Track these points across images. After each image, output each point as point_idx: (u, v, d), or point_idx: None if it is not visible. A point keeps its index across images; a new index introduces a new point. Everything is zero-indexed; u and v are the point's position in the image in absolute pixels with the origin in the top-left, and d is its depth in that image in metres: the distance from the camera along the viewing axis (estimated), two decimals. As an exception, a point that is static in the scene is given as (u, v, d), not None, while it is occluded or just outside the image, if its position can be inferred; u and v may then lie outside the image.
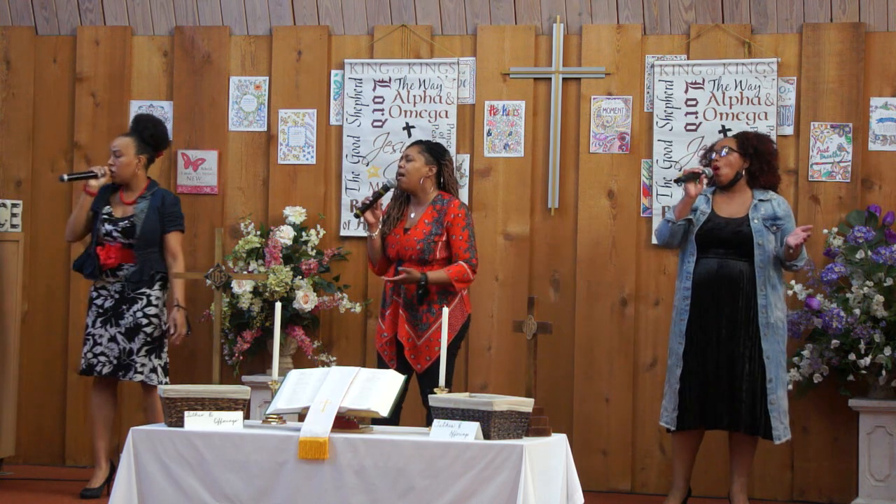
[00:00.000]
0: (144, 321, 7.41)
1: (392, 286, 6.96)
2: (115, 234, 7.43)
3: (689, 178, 6.95)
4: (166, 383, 7.37)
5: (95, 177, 7.49)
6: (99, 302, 7.47)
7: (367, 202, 6.96)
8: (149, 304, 7.42)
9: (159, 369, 7.44)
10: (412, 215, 7.00)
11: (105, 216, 7.47)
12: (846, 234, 7.48)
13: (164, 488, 5.52)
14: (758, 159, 7.07)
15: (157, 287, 7.46)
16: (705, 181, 7.01)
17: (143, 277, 7.39)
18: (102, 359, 7.43)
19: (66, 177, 7.62)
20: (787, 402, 7.01)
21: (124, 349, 7.40)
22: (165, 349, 7.50)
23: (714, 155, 7.09)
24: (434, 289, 6.90)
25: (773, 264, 7.00)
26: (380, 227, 7.03)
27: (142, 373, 7.38)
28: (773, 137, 7.70)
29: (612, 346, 7.90)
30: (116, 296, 7.44)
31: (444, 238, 6.95)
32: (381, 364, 6.96)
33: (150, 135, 7.62)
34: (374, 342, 7.23)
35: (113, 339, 7.42)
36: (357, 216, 6.99)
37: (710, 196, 7.11)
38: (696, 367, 6.96)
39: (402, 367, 6.84)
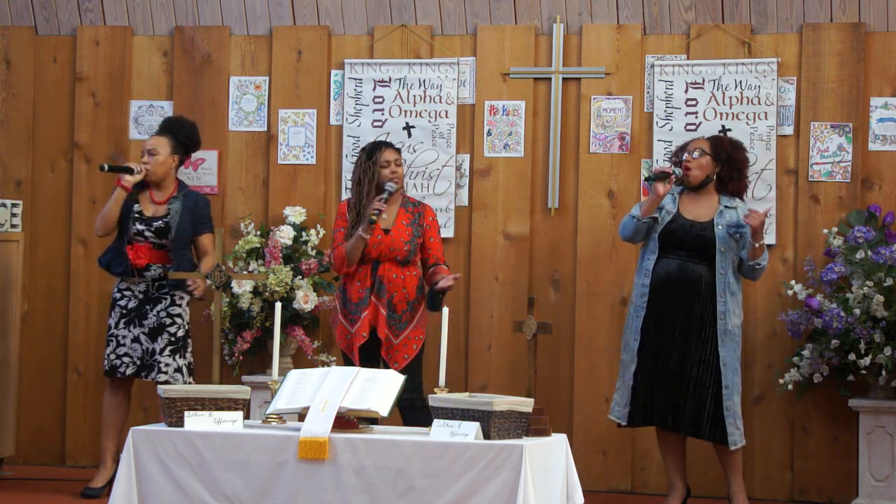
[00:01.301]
0: (168, 321, 7.40)
1: (371, 286, 6.97)
2: (147, 233, 7.41)
3: (659, 177, 6.94)
4: (190, 383, 7.36)
5: (131, 172, 7.45)
6: (122, 303, 7.45)
7: (380, 209, 6.93)
8: (173, 303, 7.41)
9: (184, 369, 7.42)
10: (384, 216, 7.03)
11: (136, 215, 7.45)
12: (846, 234, 7.48)
13: (164, 488, 5.53)
14: (729, 165, 7.07)
15: (183, 288, 7.46)
16: (674, 181, 7.01)
17: (178, 279, 7.35)
18: (126, 360, 7.41)
19: (106, 166, 7.50)
20: (740, 408, 6.99)
21: (147, 349, 7.39)
22: (190, 349, 7.49)
23: (686, 155, 7.08)
24: (413, 287, 7.04)
25: (733, 271, 7.00)
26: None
27: (166, 373, 7.36)
28: (773, 137, 7.71)
29: (612, 346, 7.89)
30: (141, 296, 7.43)
31: (420, 240, 7.09)
32: (349, 363, 6.97)
33: (185, 135, 7.61)
34: (340, 343, 7.16)
35: (136, 339, 7.40)
36: (373, 221, 6.90)
37: (677, 196, 7.10)
38: (649, 365, 6.98)
39: (370, 365, 6.84)
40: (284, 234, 8.01)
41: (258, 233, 8.14)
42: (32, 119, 8.58)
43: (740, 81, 7.79)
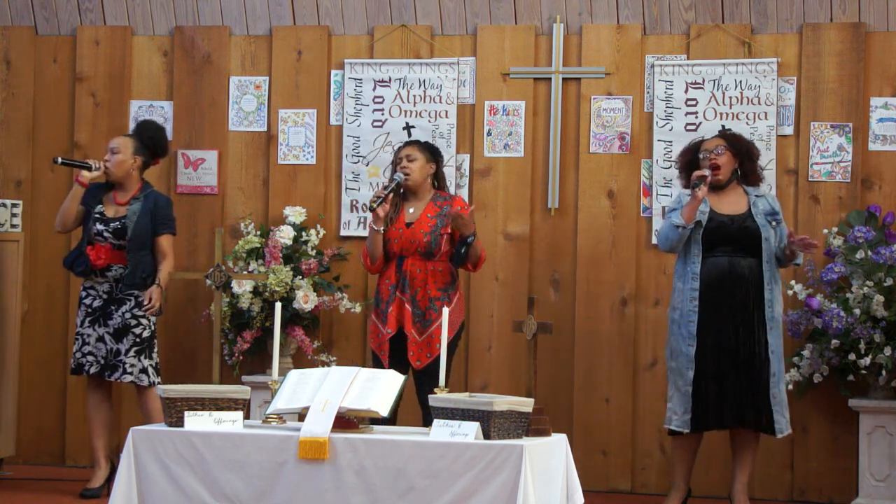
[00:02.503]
0: (133, 322, 7.38)
1: (396, 282, 6.97)
2: (105, 234, 7.41)
3: (697, 183, 6.94)
4: (158, 383, 7.36)
5: (89, 169, 7.46)
6: (88, 301, 7.45)
7: (382, 196, 6.97)
8: (137, 305, 7.39)
9: (150, 370, 7.41)
10: (411, 210, 7.06)
11: (97, 215, 7.45)
12: (846, 234, 7.48)
13: (164, 488, 5.53)
14: (748, 158, 7.11)
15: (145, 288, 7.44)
16: (709, 182, 7.03)
17: (136, 280, 7.36)
18: (90, 358, 7.41)
19: (59, 159, 7.53)
20: (786, 396, 7.01)
21: (111, 349, 7.38)
22: (156, 350, 7.48)
23: (706, 155, 7.08)
24: (438, 283, 6.96)
25: (774, 260, 7.02)
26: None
27: (131, 373, 7.36)
28: (773, 137, 7.71)
29: (612, 346, 7.90)
30: (105, 296, 7.42)
31: (448, 231, 7.00)
32: (378, 363, 6.97)
33: (148, 137, 7.60)
34: (371, 342, 7.19)
35: (101, 339, 7.40)
36: (371, 209, 6.94)
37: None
38: (712, 367, 6.92)
39: (396, 364, 6.85)
40: (284, 234, 8.01)
41: (258, 233, 8.14)
42: (32, 119, 8.58)
43: (740, 81, 7.79)
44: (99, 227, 7.41)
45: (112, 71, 8.50)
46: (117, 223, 7.41)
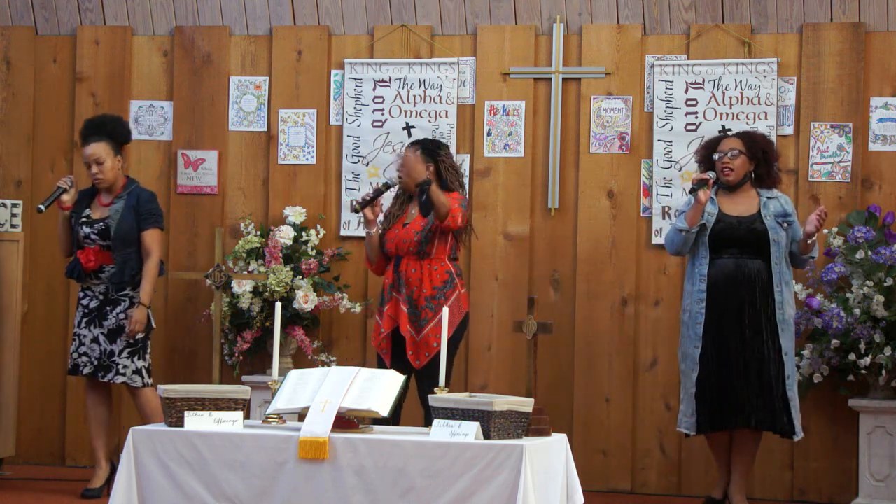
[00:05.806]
0: (126, 323, 7.37)
1: (391, 283, 6.99)
2: (92, 236, 7.40)
3: (700, 185, 6.92)
4: (150, 385, 7.36)
5: (64, 191, 7.43)
6: (85, 302, 7.45)
7: (368, 198, 7.01)
8: (131, 305, 7.38)
9: (144, 371, 7.40)
10: (413, 211, 7.08)
11: (84, 219, 7.44)
12: (846, 234, 7.48)
13: (164, 488, 5.53)
14: (766, 161, 7.08)
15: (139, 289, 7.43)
16: (712, 185, 7.00)
17: (124, 279, 7.34)
18: (85, 359, 7.41)
19: (42, 207, 7.42)
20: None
21: (105, 350, 7.37)
22: (149, 351, 7.46)
23: (720, 156, 7.06)
24: (434, 283, 6.98)
25: (785, 261, 7.01)
26: (378, 224, 7.10)
27: (124, 374, 7.35)
28: (773, 137, 7.71)
29: (612, 346, 7.90)
30: (101, 297, 7.42)
31: (437, 227, 7.00)
32: (381, 363, 6.98)
33: (120, 133, 7.55)
34: (372, 341, 7.24)
35: (95, 339, 7.40)
36: (356, 211, 7.00)
37: (714, 196, 7.09)
38: (717, 369, 6.91)
39: (398, 363, 6.86)
40: (284, 234, 8.01)
41: (258, 233, 8.15)
42: (32, 119, 8.58)
43: (740, 81, 7.79)
44: (86, 229, 7.40)
45: (112, 71, 8.50)
46: (101, 224, 7.39)
